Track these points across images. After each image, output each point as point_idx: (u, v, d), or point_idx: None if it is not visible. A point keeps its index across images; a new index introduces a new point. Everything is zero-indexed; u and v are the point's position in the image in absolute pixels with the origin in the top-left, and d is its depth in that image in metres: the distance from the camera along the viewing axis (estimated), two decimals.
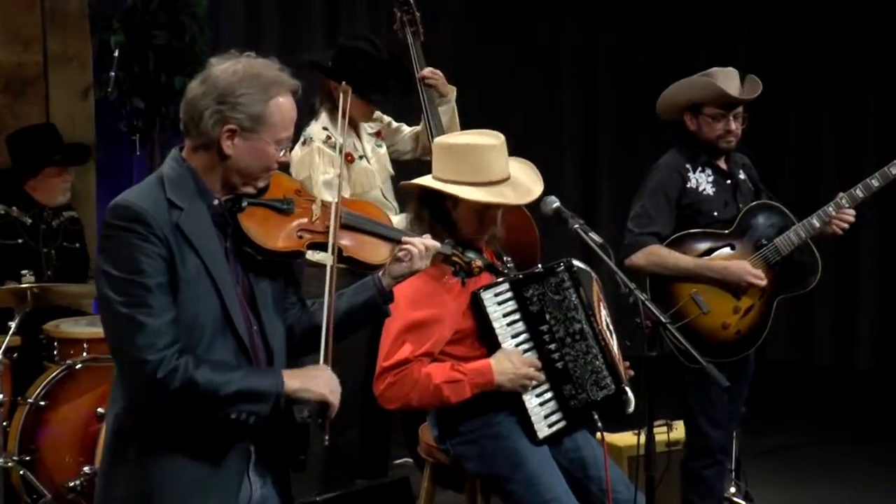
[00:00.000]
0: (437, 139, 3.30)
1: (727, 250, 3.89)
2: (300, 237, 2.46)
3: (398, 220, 3.52)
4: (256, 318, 2.43)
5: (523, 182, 3.20)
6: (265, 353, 2.44)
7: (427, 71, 4.35)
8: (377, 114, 4.46)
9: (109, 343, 2.35)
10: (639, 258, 3.83)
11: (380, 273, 2.58)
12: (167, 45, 5.52)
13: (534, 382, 3.15)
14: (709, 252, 3.89)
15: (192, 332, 2.31)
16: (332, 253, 2.47)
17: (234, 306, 2.36)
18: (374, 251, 2.57)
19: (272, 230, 2.43)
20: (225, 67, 2.37)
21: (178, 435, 2.34)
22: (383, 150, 4.43)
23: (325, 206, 2.51)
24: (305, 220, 2.48)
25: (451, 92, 4.40)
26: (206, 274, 2.33)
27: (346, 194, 4.03)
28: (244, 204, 2.42)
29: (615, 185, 7.36)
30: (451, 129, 4.33)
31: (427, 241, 2.60)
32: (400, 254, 2.56)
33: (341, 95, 2.81)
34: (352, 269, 2.60)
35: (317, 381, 2.40)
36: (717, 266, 3.84)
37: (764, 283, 3.84)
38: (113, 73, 5.38)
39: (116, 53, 5.39)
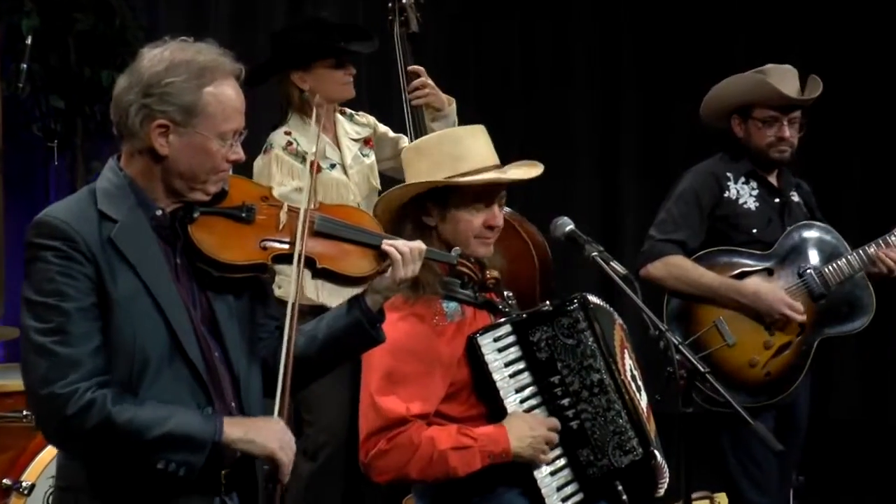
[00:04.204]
0: (406, 147, 3.29)
1: (764, 274, 3.92)
2: (263, 248, 2.53)
3: None
4: (219, 344, 2.50)
5: (519, 164, 3.22)
6: (231, 382, 2.51)
7: (414, 87, 4.34)
8: (369, 119, 4.52)
9: (23, 379, 2.41)
10: (657, 268, 3.88)
11: (363, 290, 2.65)
12: (91, 32, 5.54)
13: (554, 453, 3.14)
14: (742, 275, 3.92)
15: (131, 359, 2.39)
16: (298, 265, 2.52)
17: (184, 330, 2.43)
18: (356, 262, 2.62)
19: (229, 241, 2.50)
20: (152, 55, 2.46)
21: (134, 485, 2.39)
22: (370, 160, 4.47)
23: (294, 212, 2.58)
24: (270, 228, 2.55)
25: (449, 104, 4.41)
26: (145, 293, 2.41)
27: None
28: (196, 214, 2.49)
29: (641, 204, 7.36)
30: None
31: (412, 242, 2.67)
32: (383, 263, 2.62)
33: (314, 108, 2.88)
34: (331, 283, 2.67)
35: (264, 433, 2.44)
36: (748, 290, 3.88)
37: (801, 318, 3.86)
38: (25, 65, 5.37)
39: (29, 41, 5.40)
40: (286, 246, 2.55)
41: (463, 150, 3.14)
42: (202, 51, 2.48)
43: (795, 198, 4.11)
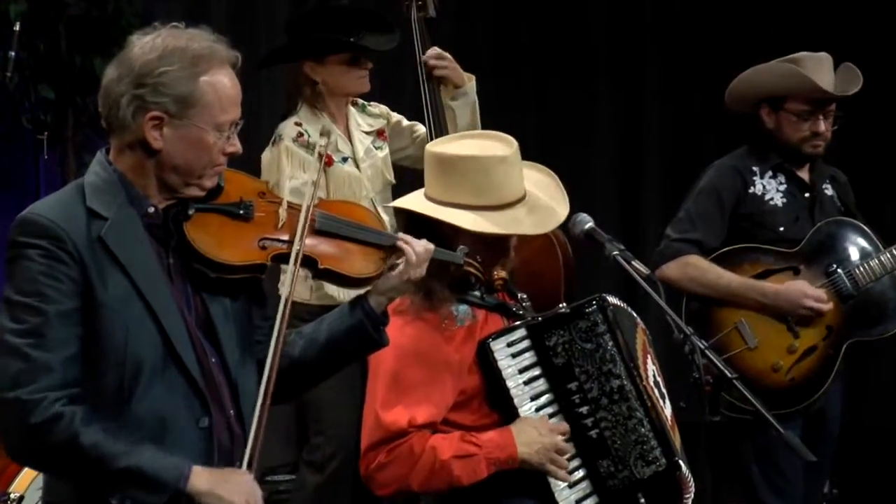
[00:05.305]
0: (429, 146, 3.26)
1: (789, 274, 3.91)
2: (262, 247, 2.53)
3: None
4: (215, 349, 2.49)
5: (543, 201, 3.19)
6: (229, 390, 2.50)
7: (431, 57, 4.35)
8: (382, 109, 4.52)
9: None
10: (671, 269, 3.89)
11: (366, 291, 2.65)
12: (83, 17, 5.54)
13: (566, 457, 3.13)
14: (765, 274, 3.91)
15: (122, 366, 2.38)
16: (295, 265, 2.51)
17: (179, 335, 2.43)
18: (359, 262, 2.62)
19: (226, 240, 2.49)
20: (143, 43, 2.44)
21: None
22: (384, 152, 4.49)
23: (294, 209, 2.57)
24: (269, 226, 2.54)
25: (468, 81, 4.41)
26: (136, 296, 2.40)
27: None
28: (191, 211, 2.48)
29: (664, 199, 7.34)
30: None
31: (421, 242, 2.67)
32: (395, 261, 2.63)
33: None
34: (334, 284, 2.70)
35: (230, 487, 2.41)
36: (770, 289, 3.88)
37: (827, 307, 3.84)
38: (13, 53, 5.37)
39: (17, 27, 5.39)
40: (286, 245, 2.54)
41: (489, 183, 3.08)
42: (195, 38, 2.46)
43: (829, 191, 4.09)
